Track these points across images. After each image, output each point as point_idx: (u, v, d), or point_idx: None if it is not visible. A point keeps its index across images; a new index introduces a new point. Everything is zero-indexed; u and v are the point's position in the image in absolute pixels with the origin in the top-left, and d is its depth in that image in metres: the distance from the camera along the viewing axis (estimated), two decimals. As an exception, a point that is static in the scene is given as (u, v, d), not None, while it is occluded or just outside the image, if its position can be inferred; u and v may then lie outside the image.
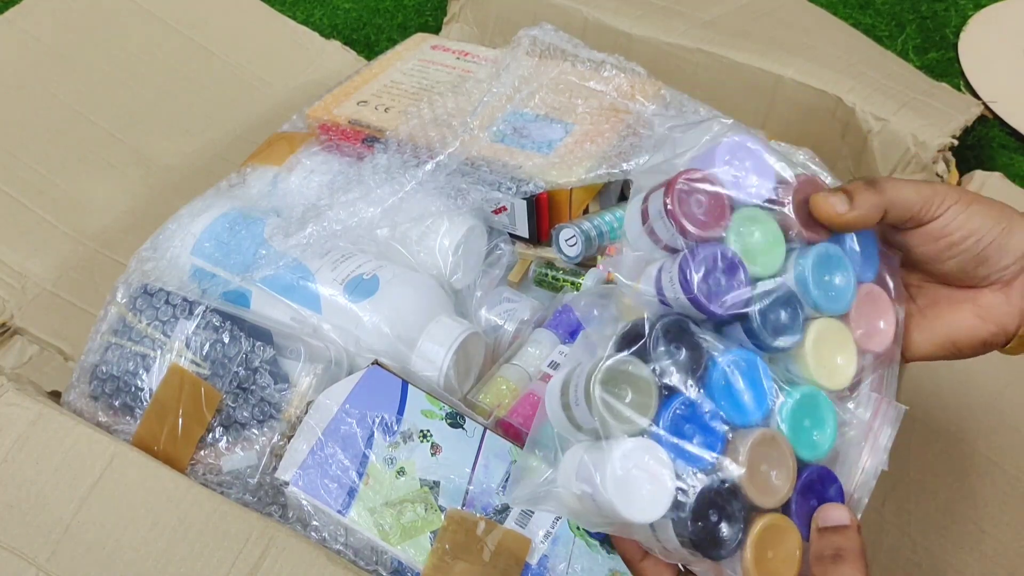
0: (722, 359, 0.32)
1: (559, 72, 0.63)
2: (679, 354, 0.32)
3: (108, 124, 0.79)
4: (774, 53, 0.75)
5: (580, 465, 0.31)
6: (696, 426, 0.31)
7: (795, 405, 0.33)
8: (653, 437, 0.31)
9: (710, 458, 0.31)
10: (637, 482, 0.30)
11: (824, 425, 0.34)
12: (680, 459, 0.31)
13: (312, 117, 0.64)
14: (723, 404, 0.32)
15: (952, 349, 0.37)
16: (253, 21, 0.91)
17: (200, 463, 0.48)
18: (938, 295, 0.38)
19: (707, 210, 0.33)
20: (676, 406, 0.31)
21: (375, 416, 0.46)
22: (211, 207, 0.58)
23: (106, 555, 0.45)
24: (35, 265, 0.67)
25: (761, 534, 0.31)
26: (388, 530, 0.43)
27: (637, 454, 0.30)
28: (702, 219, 0.33)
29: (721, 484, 0.31)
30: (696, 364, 0.32)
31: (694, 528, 0.30)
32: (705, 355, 0.32)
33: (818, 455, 0.34)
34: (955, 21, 1.03)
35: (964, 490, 0.57)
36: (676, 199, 0.33)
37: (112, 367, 0.51)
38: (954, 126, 0.69)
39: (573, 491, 0.32)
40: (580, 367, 0.32)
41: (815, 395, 0.34)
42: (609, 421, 0.31)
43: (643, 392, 0.31)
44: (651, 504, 0.30)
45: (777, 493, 0.32)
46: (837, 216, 0.34)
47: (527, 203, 0.57)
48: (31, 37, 0.82)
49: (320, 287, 0.52)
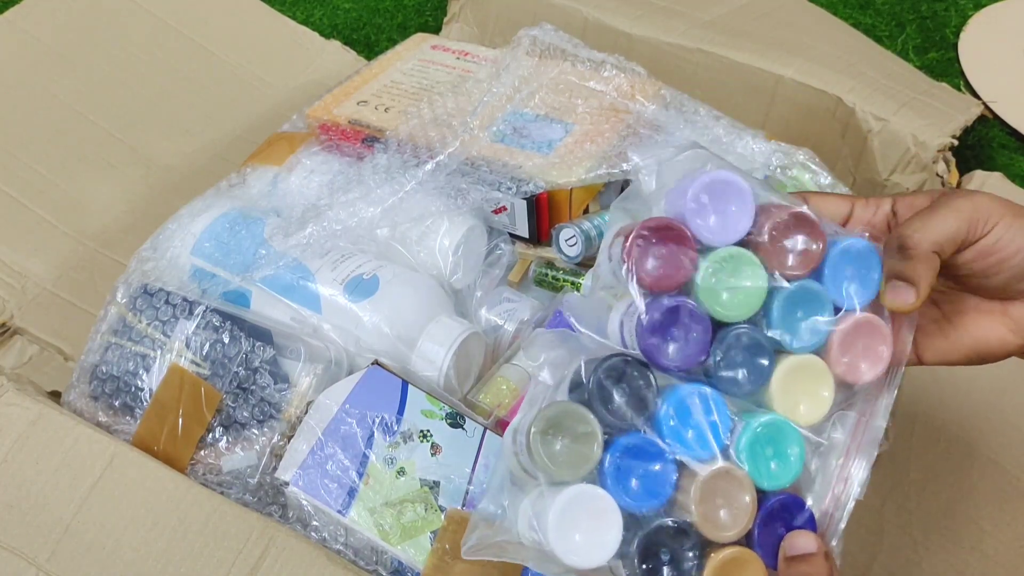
0: (671, 396, 0.32)
1: (559, 72, 0.63)
2: (623, 395, 0.32)
3: (108, 124, 0.79)
4: (774, 53, 0.75)
5: (531, 513, 0.31)
6: (643, 467, 0.31)
7: (753, 436, 0.32)
8: (600, 481, 0.31)
9: (659, 498, 0.31)
10: (581, 528, 0.30)
11: (787, 453, 0.33)
12: (628, 501, 0.31)
13: (312, 117, 0.64)
14: (672, 442, 0.31)
15: (976, 359, 0.36)
16: (253, 21, 0.91)
17: (200, 463, 0.48)
18: (965, 304, 0.37)
19: (667, 261, 0.32)
20: (621, 448, 0.31)
21: (375, 416, 0.46)
22: (211, 207, 0.58)
23: (106, 555, 0.45)
24: (35, 265, 0.67)
25: (718, 568, 0.31)
26: (388, 530, 0.43)
27: (580, 500, 0.30)
28: (659, 272, 0.32)
29: (671, 524, 0.31)
30: (641, 403, 0.32)
31: (643, 571, 0.30)
32: (652, 393, 0.32)
33: (781, 483, 0.33)
34: (955, 21, 1.03)
35: (964, 490, 0.57)
36: (633, 251, 0.32)
37: (112, 367, 0.51)
38: (954, 126, 0.69)
39: (527, 540, 0.31)
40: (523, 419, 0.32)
41: (777, 423, 0.33)
42: (551, 469, 0.30)
43: (585, 437, 0.31)
44: (596, 550, 0.30)
45: (734, 527, 0.32)
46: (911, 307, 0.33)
47: (527, 203, 0.57)
48: (31, 37, 0.82)
49: (320, 287, 0.52)
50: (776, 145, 0.63)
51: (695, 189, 0.33)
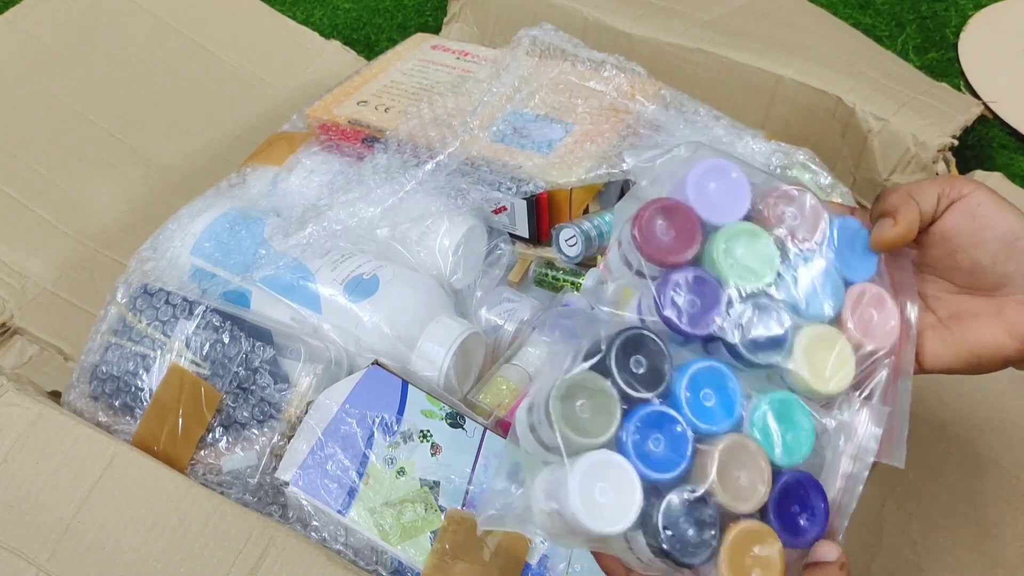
0: (687, 369, 0.33)
1: (559, 72, 0.63)
2: (640, 367, 0.32)
3: (108, 124, 0.79)
4: (774, 53, 0.75)
5: (548, 483, 0.32)
6: (662, 436, 0.32)
7: (766, 412, 0.33)
8: (619, 449, 0.31)
9: (678, 467, 0.31)
10: (603, 494, 0.30)
11: (799, 430, 0.34)
12: (647, 469, 0.31)
13: (312, 117, 0.64)
14: (688, 414, 0.32)
15: (974, 363, 0.37)
16: (253, 21, 0.91)
17: (200, 463, 0.48)
18: (960, 307, 0.37)
19: (675, 236, 0.34)
20: (639, 418, 0.31)
21: (375, 416, 0.46)
22: (211, 207, 0.58)
23: (106, 555, 0.45)
24: (35, 265, 0.67)
25: (737, 540, 0.31)
26: (388, 530, 0.43)
27: (601, 467, 0.30)
28: (669, 245, 0.34)
29: (691, 492, 0.31)
30: (658, 376, 0.32)
31: (665, 537, 0.30)
32: (668, 366, 0.33)
33: (795, 460, 0.33)
34: (955, 21, 1.03)
35: (965, 490, 0.57)
36: (642, 228, 0.34)
37: (112, 367, 0.51)
38: (954, 126, 0.69)
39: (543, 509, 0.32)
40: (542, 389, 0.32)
41: (788, 400, 0.34)
42: (571, 437, 0.31)
43: (604, 406, 0.31)
44: (618, 515, 0.30)
45: (752, 498, 0.32)
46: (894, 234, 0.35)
47: (527, 203, 0.57)
48: (31, 37, 0.82)
49: (320, 287, 0.52)
50: (776, 145, 0.63)
51: (693, 175, 0.35)
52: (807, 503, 0.33)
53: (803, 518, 0.33)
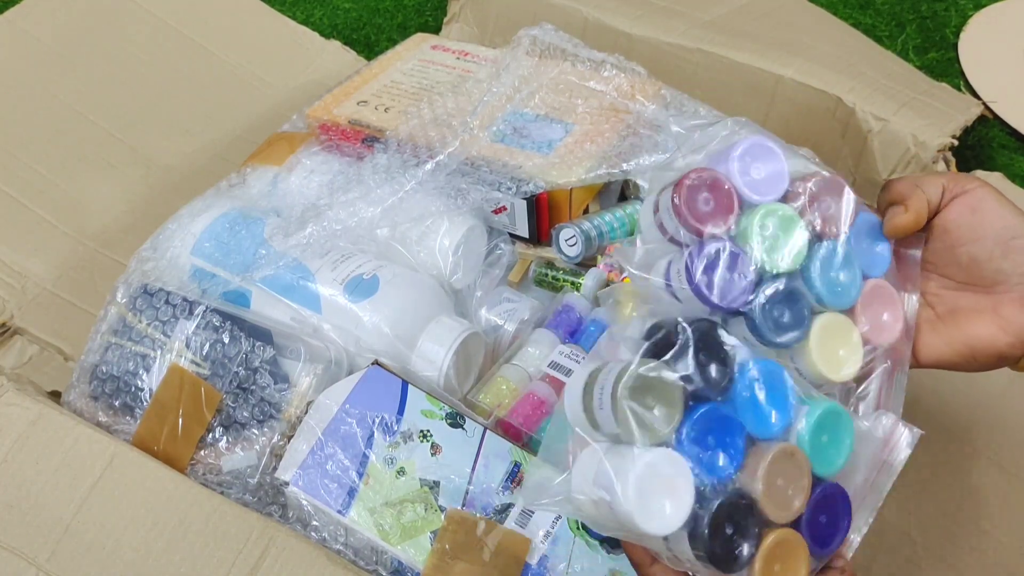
0: (749, 370, 0.32)
1: (559, 72, 0.63)
2: (707, 363, 0.32)
3: (108, 124, 0.79)
4: (774, 53, 0.75)
5: (599, 470, 0.31)
6: (717, 438, 0.31)
7: (817, 421, 0.33)
8: (676, 448, 0.31)
9: (729, 471, 0.31)
10: (657, 494, 0.30)
11: (841, 442, 0.34)
12: (700, 471, 0.31)
13: (312, 117, 0.64)
14: (746, 416, 0.32)
15: (968, 357, 0.37)
16: (253, 21, 0.91)
17: (200, 463, 0.48)
18: (957, 303, 0.38)
19: (714, 207, 0.34)
20: (699, 417, 0.31)
21: (375, 416, 0.46)
22: (211, 207, 0.58)
23: (106, 555, 0.45)
24: (35, 265, 0.67)
25: (771, 549, 0.31)
26: (388, 530, 0.43)
27: (659, 465, 0.30)
28: (708, 215, 0.34)
29: (739, 498, 0.31)
30: (722, 374, 0.32)
31: (711, 543, 0.30)
32: (732, 365, 0.32)
33: (832, 471, 0.34)
34: (955, 21, 1.03)
35: (965, 490, 0.57)
36: (683, 195, 0.34)
37: (112, 367, 0.51)
38: (954, 126, 0.69)
39: (590, 496, 0.31)
40: (607, 369, 0.32)
41: (836, 411, 0.34)
42: (634, 429, 0.30)
43: (669, 401, 0.31)
44: (670, 516, 0.30)
45: (790, 508, 0.32)
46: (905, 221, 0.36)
47: (527, 203, 0.57)
48: (31, 37, 0.82)
49: (320, 287, 0.52)
50: (776, 145, 0.63)
51: (737, 151, 0.35)
52: (835, 514, 0.33)
53: (830, 529, 0.33)
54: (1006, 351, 0.36)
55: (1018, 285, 0.36)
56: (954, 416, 0.60)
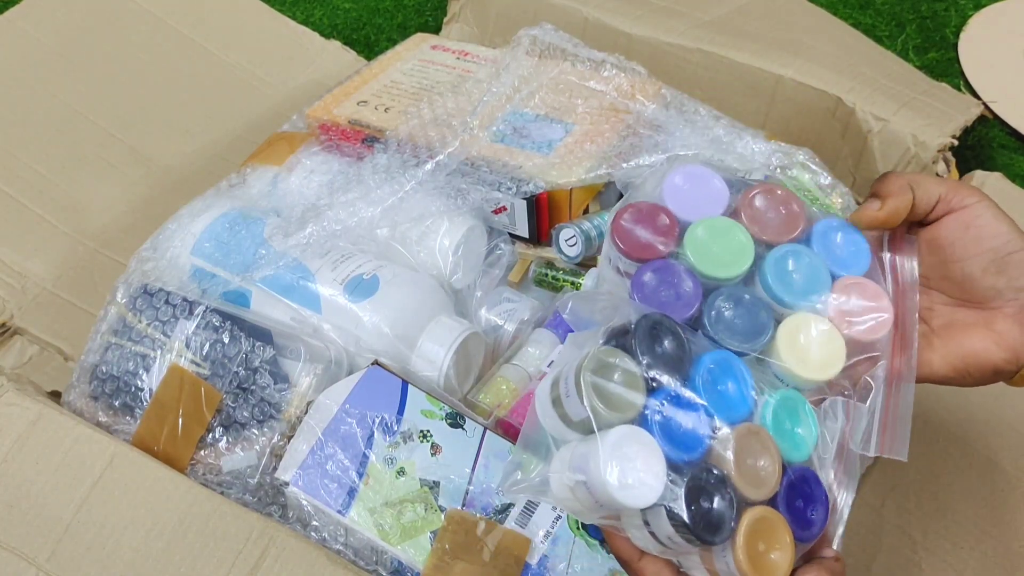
0: (705, 358, 0.34)
1: (559, 72, 0.63)
2: (663, 350, 0.33)
3: (108, 124, 0.79)
4: (774, 53, 0.75)
5: (573, 456, 0.32)
6: (682, 418, 0.33)
7: (776, 406, 0.34)
8: (643, 426, 0.32)
9: (699, 449, 0.32)
10: (631, 468, 0.31)
11: (806, 428, 0.35)
12: (670, 447, 0.32)
13: (312, 117, 0.64)
14: (707, 399, 0.33)
15: (963, 372, 0.37)
16: (253, 21, 0.91)
17: (200, 463, 0.48)
18: (952, 318, 0.38)
19: (652, 233, 0.37)
20: (662, 399, 0.33)
21: (375, 416, 0.46)
22: (211, 207, 0.58)
23: (106, 555, 0.45)
24: (35, 265, 0.67)
25: (752, 525, 0.32)
26: (388, 530, 0.43)
27: (629, 440, 0.31)
28: (646, 242, 0.37)
29: (711, 474, 0.32)
30: (680, 361, 0.33)
31: (688, 512, 0.31)
32: (688, 353, 0.34)
33: (801, 456, 0.34)
34: (955, 21, 1.03)
35: (964, 490, 0.57)
36: (619, 229, 0.37)
37: (112, 367, 0.51)
38: (954, 126, 0.69)
39: (566, 483, 0.32)
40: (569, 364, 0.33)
41: (795, 398, 0.35)
42: (600, 409, 0.32)
43: (631, 384, 0.32)
44: (645, 488, 0.31)
45: (764, 486, 0.33)
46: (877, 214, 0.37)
47: (527, 203, 0.57)
48: (31, 37, 0.82)
49: (320, 287, 0.52)
50: (776, 145, 0.63)
51: (669, 180, 0.38)
52: (811, 498, 0.34)
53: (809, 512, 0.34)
54: (1001, 366, 0.36)
55: (1013, 300, 0.36)
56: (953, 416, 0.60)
